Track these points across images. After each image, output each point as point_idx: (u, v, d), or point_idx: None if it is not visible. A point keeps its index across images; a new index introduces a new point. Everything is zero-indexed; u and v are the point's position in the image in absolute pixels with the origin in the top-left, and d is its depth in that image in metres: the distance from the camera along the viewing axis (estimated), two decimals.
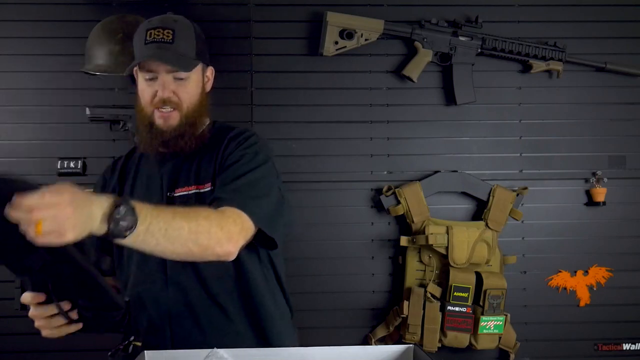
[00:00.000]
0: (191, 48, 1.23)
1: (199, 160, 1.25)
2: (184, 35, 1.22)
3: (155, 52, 1.18)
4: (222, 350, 1.03)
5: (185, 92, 1.22)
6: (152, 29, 1.20)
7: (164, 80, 1.20)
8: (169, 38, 1.20)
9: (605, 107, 1.92)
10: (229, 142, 1.24)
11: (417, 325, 1.78)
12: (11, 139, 1.82)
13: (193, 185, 1.22)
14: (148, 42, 1.20)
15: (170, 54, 1.19)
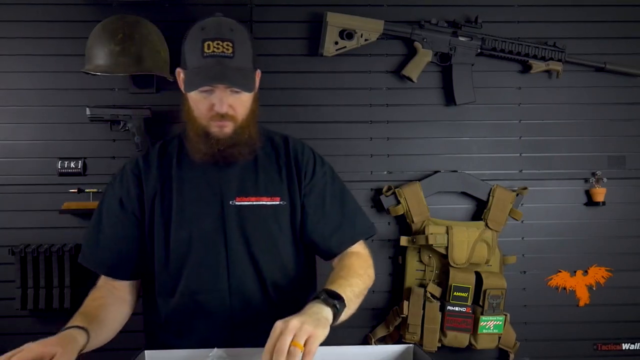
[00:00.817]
0: (249, 59, 1.19)
1: (263, 171, 1.25)
2: (242, 45, 1.17)
3: (216, 72, 1.13)
4: (222, 350, 1.04)
5: (241, 104, 1.19)
6: (211, 41, 1.14)
7: (221, 95, 1.15)
8: (229, 52, 1.14)
9: (605, 107, 1.92)
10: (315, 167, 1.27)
11: (417, 325, 1.78)
12: (11, 139, 1.82)
13: (256, 197, 1.23)
14: (207, 55, 1.14)
15: (232, 71, 1.14)
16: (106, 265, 1.25)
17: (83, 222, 1.82)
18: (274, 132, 1.35)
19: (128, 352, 1.07)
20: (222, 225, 1.21)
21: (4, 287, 1.79)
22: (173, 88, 1.82)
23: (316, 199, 1.26)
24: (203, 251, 1.21)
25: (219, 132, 1.19)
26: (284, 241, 1.24)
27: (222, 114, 1.16)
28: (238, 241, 1.21)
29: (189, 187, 1.25)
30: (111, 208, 1.26)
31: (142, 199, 1.24)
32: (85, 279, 1.82)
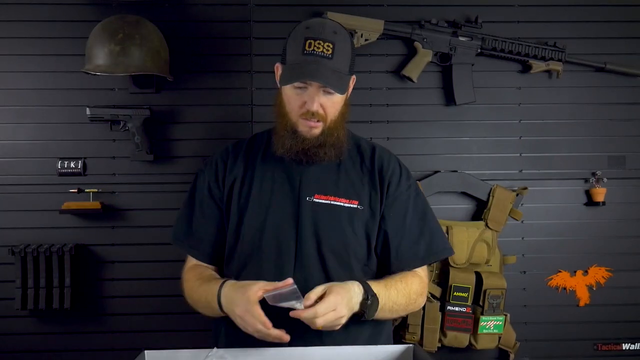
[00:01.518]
0: (346, 63, 1.22)
1: (345, 174, 1.28)
2: (342, 50, 1.20)
3: (314, 69, 1.17)
4: (222, 350, 1.04)
5: (332, 106, 1.23)
6: (313, 40, 1.18)
7: (314, 94, 1.19)
8: (329, 53, 1.18)
9: (605, 107, 1.92)
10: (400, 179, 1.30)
11: (417, 325, 1.78)
12: (11, 139, 1.82)
13: (335, 197, 1.25)
14: (307, 52, 1.18)
15: (328, 71, 1.17)
16: (199, 250, 1.30)
17: (83, 222, 1.82)
18: (361, 138, 1.39)
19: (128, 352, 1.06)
20: (295, 219, 1.24)
21: (4, 287, 1.79)
22: (173, 88, 1.83)
23: (398, 211, 1.28)
24: (274, 242, 1.23)
25: (307, 132, 1.22)
26: (356, 245, 1.25)
27: (313, 112, 1.20)
28: (309, 237, 1.23)
29: (269, 179, 1.28)
30: (201, 193, 1.31)
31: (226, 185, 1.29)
32: (85, 279, 1.82)
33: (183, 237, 1.32)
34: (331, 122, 1.24)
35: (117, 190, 1.83)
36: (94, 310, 1.83)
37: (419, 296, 1.28)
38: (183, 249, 1.33)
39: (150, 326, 1.83)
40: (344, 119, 1.29)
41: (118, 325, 1.84)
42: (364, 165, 1.31)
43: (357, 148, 1.34)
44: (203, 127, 1.85)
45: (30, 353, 1.81)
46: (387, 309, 1.20)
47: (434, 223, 1.33)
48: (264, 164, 1.30)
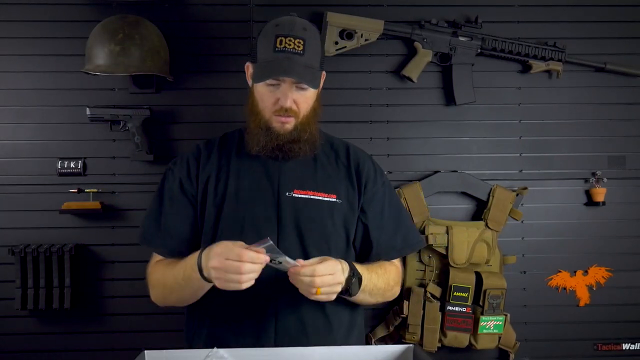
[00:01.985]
0: (317, 58, 1.25)
1: (322, 169, 1.30)
2: (313, 45, 1.23)
3: (286, 66, 1.19)
4: (222, 350, 1.04)
5: (304, 101, 1.24)
6: (283, 37, 1.20)
7: (287, 90, 1.21)
8: (300, 49, 1.20)
9: (605, 107, 1.92)
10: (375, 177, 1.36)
11: (417, 325, 1.78)
12: (11, 139, 1.82)
13: (314, 191, 1.27)
14: (278, 50, 1.20)
15: (301, 67, 1.20)
16: (168, 248, 1.29)
17: (83, 222, 1.82)
18: (333, 137, 1.41)
19: (128, 352, 1.06)
20: (276, 214, 1.24)
21: (4, 287, 1.79)
22: (173, 88, 1.83)
23: (376, 207, 1.31)
24: (254, 237, 1.22)
25: (280, 128, 1.24)
26: (336, 238, 1.27)
27: (286, 108, 1.21)
28: (291, 232, 1.24)
29: (245, 175, 1.29)
30: (171, 190, 1.30)
31: (199, 182, 1.29)
32: (85, 279, 1.82)
33: (152, 236, 1.29)
34: (304, 118, 1.25)
35: (117, 190, 1.83)
36: (94, 310, 1.83)
37: (395, 284, 1.35)
38: (153, 248, 1.31)
39: (150, 326, 1.83)
40: (317, 115, 1.30)
41: (118, 325, 1.84)
42: (339, 161, 1.34)
43: (331, 145, 1.37)
44: (203, 127, 1.85)
45: (30, 353, 1.81)
46: (367, 291, 1.23)
47: (407, 218, 1.39)
48: (239, 162, 1.30)
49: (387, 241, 1.32)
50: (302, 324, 1.22)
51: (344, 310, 1.28)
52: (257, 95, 1.26)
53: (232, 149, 1.33)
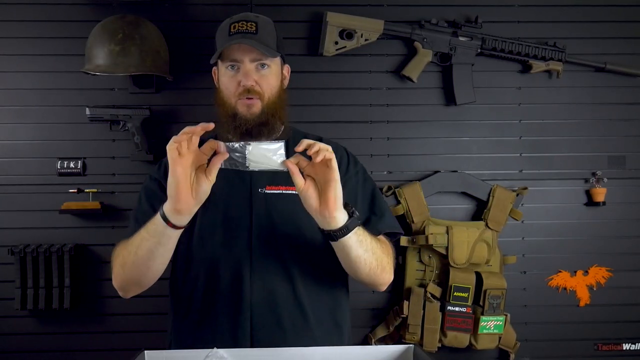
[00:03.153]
0: (272, 40, 1.28)
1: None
2: (266, 28, 1.27)
3: (240, 39, 1.22)
4: (222, 350, 1.04)
5: (266, 82, 1.26)
6: (236, 22, 1.26)
7: (247, 69, 1.23)
8: (253, 29, 1.25)
9: (605, 107, 1.92)
10: (348, 164, 1.32)
11: (417, 325, 1.78)
12: (11, 139, 1.82)
13: (286, 186, 1.26)
14: (232, 33, 1.25)
15: (254, 42, 1.22)
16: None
17: (83, 222, 1.82)
18: (306, 132, 1.41)
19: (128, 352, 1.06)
20: (249, 211, 1.24)
21: (3, 287, 1.79)
22: (173, 88, 1.83)
23: (348, 195, 1.27)
24: (227, 235, 1.23)
25: (247, 112, 1.24)
26: (311, 230, 1.24)
27: (248, 88, 1.23)
28: (264, 227, 1.23)
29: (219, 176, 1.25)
30: (149, 189, 1.30)
31: None
32: (85, 279, 1.82)
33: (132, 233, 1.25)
34: (269, 100, 1.26)
35: (117, 190, 1.83)
36: (94, 310, 1.83)
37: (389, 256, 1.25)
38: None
39: (150, 326, 1.82)
40: (283, 103, 1.31)
41: (118, 325, 1.83)
42: None
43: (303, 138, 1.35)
44: None
45: (30, 353, 1.81)
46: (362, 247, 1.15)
47: (382, 204, 1.34)
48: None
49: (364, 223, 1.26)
50: (279, 320, 1.21)
51: (323, 306, 1.26)
52: (222, 84, 1.28)
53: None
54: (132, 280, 1.19)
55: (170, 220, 1.07)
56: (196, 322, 1.24)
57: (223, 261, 1.22)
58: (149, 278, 1.18)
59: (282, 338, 1.19)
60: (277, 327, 1.21)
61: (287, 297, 1.22)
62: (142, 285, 1.21)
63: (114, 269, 1.22)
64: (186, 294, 1.25)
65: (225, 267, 1.22)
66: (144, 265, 1.15)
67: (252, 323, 1.20)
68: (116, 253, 1.23)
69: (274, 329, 1.20)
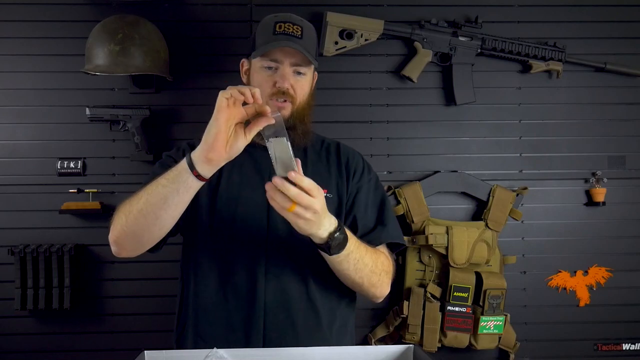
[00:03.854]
0: (313, 48, 1.28)
1: (312, 164, 1.30)
2: (309, 34, 1.27)
3: (287, 42, 1.21)
4: (222, 350, 1.04)
5: (301, 87, 1.25)
6: (282, 22, 1.24)
7: (285, 72, 1.23)
8: (299, 33, 1.24)
9: (605, 107, 1.92)
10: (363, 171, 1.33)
11: (417, 325, 1.78)
12: (11, 139, 1.82)
13: None
14: (278, 33, 1.22)
15: (300, 47, 1.21)
16: None
17: (83, 222, 1.82)
18: (325, 137, 1.41)
19: (128, 352, 1.06)
20: (267, 208, 1.22)
21: (3, 287, 1.79)
22: (173, 88, 1.83)
23: (358, 202, 1.31)
24: (245, 232, 1.22)
25: None
26: None
27: (284, 91, 1.22)
28: (281, 225, 1.22)
29: (237, 171, 1.27)
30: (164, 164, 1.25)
31: None
32: (85, 279, 1.82)
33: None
34: (300, 105, 1.25)
35: (117, 191, 1.83)
36: (94, 310, 1.83)
37: (384, 272, 1.24)
38: None
39: (150, 326, 1.82)
40: (310, 109, 1.30)
41: (118, 325, 1.83)
42: (330, 158, 1.34)
43: (322, 143, 1.38)
44: (203, 127, 1.80)
45: (30, 353, 1.81)
46: (352, 261, 1.15)
47: (389, 214, 1.34)
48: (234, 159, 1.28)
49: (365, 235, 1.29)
50: (291, 320, 1.21)
51: (335, 308, 1.27)
52: (254, 82, 1.26)
53: None
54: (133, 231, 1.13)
55: (197, 168, 1.06)
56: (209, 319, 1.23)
57: (238, 258, 1.22)
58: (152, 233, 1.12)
59: (294, 338, 1.19)
60: (290, 327, 1.21)
61: (301, 298, 1.22)
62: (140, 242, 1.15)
63: (113, 220, 1.17)
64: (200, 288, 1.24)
65: (240, 265, 1.22)
66: (152, 214, 1.09)
67: (265, 323, 1.20)
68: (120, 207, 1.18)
69: (286, 330, 1.21)
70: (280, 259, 1.22)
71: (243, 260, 1.22)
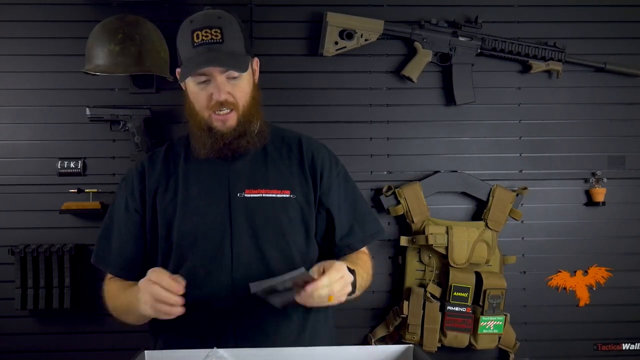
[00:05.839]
0: (240, 44, 1.19)
1: (273, 165, 1.26)
2: (231, 32, 1.18)
3: (208, 57, 1.14)
4: (221, 350, 1.04)
5: (240, 91, 1.19)
6: (199, 30, 1.16)
7: (218, 82, 1.16)
8: (218, 38, 1.15)
9: (605, 107, 1.92)
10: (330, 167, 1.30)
11: (417, 325, 1.78)
12: (11, 139, 1.82)
13: (266, 189, 1.23)
14: (197, 44, 1.15)
15: (223, 55, 1.15)
16: (117, 266, 1.27)
17: (83, 222, 1.82)
18: (284, 129, 1.36)
19: (128, 352, 1.07)
20: (228, 217, 1.21)
21: (3, 287, 1.79)
22: (173, 88, 1.83)
23: (333, 199, 1.28)
24: (207, 244, 1.20)
25: (222, 127, 1.19)
26: (294, 235, 1.24)
27: (222, 102, 1.17)
28: (245, 233, 1.20)
29: (195, 181, 1.25)
30: (119, 209, 1.27)
31: (145, 195, 1.25)
32: (85, 280, 1.82)
33: (103, 255, 1.28)
34: (244, 109, 1.20)
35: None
36: (94, 310, 1.82)
37: (370, 276, 1.30)
38: (104, 267, 1.29)
39: None
40: (257, 104, 1.25)
41: (118, 325, 1.81)
42: (292, 155, 1.29)
43: (282, 139, 1.32)
44: None
45: (30, 353, 1.81)
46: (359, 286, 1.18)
47: (364, 206, 1.34)
48: (187, 168, 1.26)
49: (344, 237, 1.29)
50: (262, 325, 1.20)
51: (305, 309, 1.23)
52: (192, 96, 1.21)
53: (180, 154, 1.29)
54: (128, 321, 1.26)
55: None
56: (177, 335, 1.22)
57: (202, 270, 1.20)
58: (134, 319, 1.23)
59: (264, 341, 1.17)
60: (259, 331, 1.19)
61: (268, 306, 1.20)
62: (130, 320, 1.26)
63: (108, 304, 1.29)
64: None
65: (209, 279, 1.20)
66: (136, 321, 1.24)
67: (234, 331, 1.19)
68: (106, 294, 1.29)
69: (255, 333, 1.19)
70: (248, 265, 1.20)
71: (211, 274, 1.20)
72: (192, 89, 1.20)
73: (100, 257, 1.29)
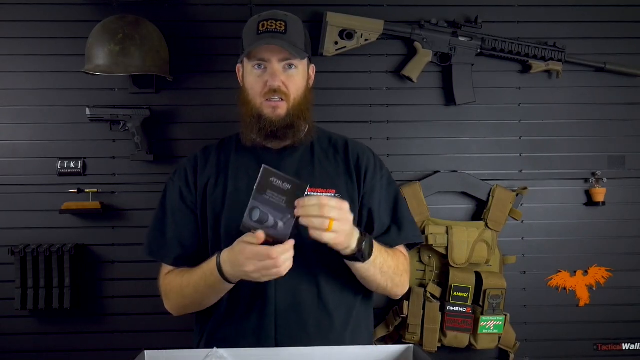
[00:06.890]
0: (301, 41, 1.26)
1: (319, 164, 1.29)
2: (294, 27, 1.25)
3: (270, 39, 1.20)
4: (222, 350, 1.04)
5: (293, 83, 1.24)
6: (264, 21, 1.24)
7: (274, 69, 1.22)
8: (282, 28, 1.23)
9: (605, 107, 1.92)
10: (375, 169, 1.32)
11: (417, 325, 1.78)
12: (11, 139, 1.82)
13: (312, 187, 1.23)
14: (261, 32, 1.22)
15: (284, 42, 1.21)
16: (173, 257, 1.28)
17: (83, 222, 1.82)
18: (332, 132, 1.41)
19: (128, 352, 1.07)
20: None
21: (3, 287, 1.79)
22: (173, 88, 1.83)
23: (375, 199, 1.30)
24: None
25: (272, 114, 1.23)
26: None
27: (275, 89, 1.21)
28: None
29: (243, 176, 1.28)
30: (173, 200, 1.30)
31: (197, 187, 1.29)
32: (85, 279, 1.82)
33: (157, 248, 1.30)
34: (295, 102, 1.25)
35: (117, 190, 1.83)
36: (94, 310, 1.83)
37: (405, 272, 1.29)
38: (159, 259, 1.31)
39: (150, 326, 1.83)
40: (309, 104, 1.29)
41: (118, 325, 1.84)
42: (338, 156, 1.33)
43: (329, 140, 1.37)
44: (203, 127, 1.85)
45: (30, 353, 1.81)
46: (378, 265, 1.19)
47: (404, 212, 1.35)
48: (238, 163, 1.30)
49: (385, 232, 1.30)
50: (303, 323, 1.21)
51: (349, 310, 1.27)
52: (247, 84, 1.26)
53: (231, 151, 1.33)
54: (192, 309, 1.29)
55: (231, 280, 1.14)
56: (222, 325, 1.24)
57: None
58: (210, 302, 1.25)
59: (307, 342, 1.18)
60: (302, 330, 1.21)
61: (312, 300, 1.22)
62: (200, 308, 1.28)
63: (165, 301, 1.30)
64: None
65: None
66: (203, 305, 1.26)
67: (276, 327, 1.20)
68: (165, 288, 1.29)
69: (298, 333, 1.20)
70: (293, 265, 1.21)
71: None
72: (247, 75, 1.26)
73: (155, 249, 1.30)
